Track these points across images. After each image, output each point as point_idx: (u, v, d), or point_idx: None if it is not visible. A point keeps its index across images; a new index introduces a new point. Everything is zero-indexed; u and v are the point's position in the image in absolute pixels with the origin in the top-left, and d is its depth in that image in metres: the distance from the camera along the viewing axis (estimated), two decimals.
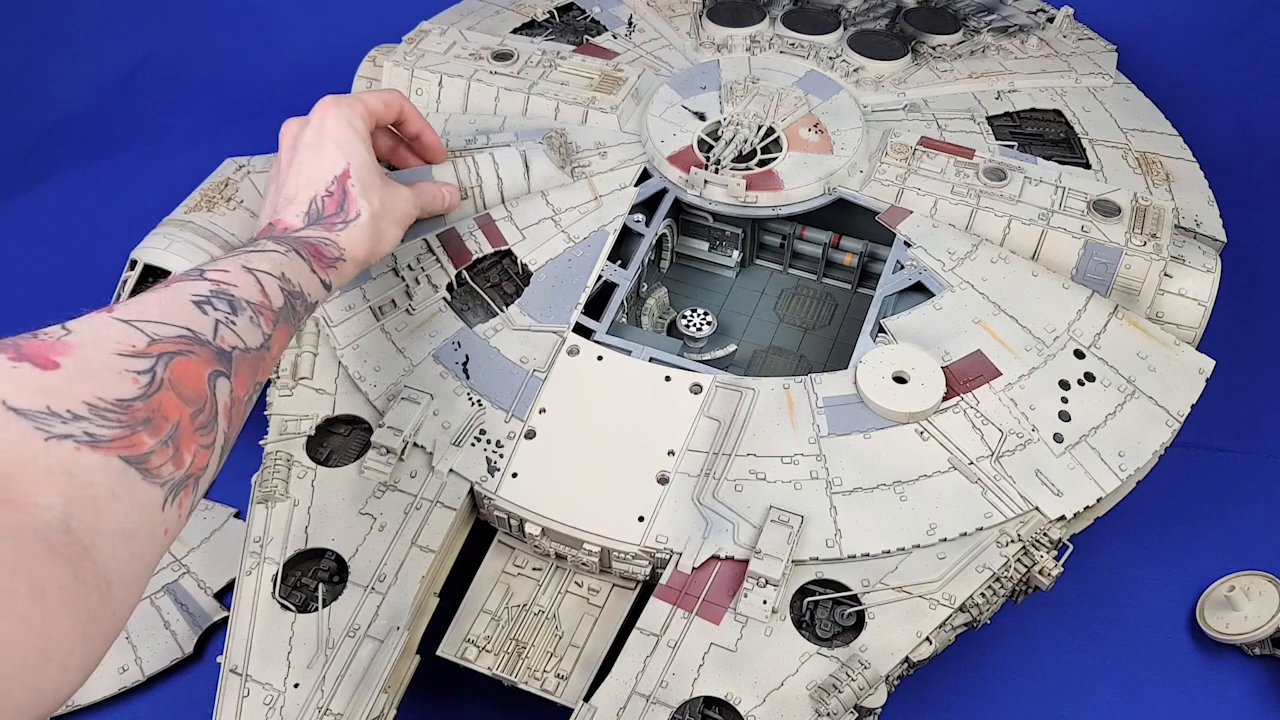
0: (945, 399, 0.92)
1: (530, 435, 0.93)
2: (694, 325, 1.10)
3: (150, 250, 1.03)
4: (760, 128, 1.15)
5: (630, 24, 1.38)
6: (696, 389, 0.94)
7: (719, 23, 1.34)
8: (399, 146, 1.06)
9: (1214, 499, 1.15)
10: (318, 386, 1.00)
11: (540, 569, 0.92)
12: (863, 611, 0.82)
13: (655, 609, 0.83)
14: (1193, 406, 0.95)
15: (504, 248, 1.05)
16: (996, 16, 1.42)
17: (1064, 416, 0.92)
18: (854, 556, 0.85)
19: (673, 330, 1.11)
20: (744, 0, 1.38)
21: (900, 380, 0.92)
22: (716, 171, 1.09)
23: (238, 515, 1.13)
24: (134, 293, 1.03)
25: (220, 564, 1.09)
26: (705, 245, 1.20)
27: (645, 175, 1.13)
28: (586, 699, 0.79)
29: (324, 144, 0.90)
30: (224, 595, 1.07)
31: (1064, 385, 0.94)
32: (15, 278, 1.43)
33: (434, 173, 1.06)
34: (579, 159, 1.14)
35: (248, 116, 1.68)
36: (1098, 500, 0.89)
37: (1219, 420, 0.94)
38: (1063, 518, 0.87)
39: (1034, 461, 0.90)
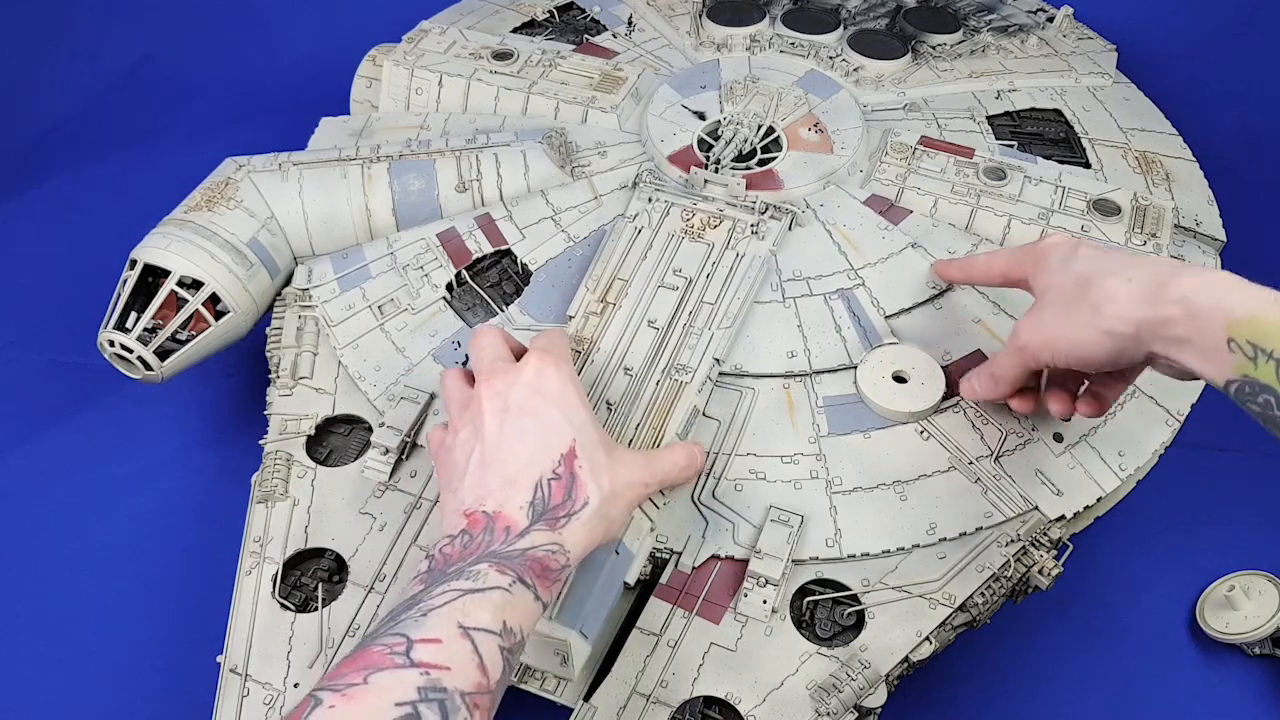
0: (945, 398, 0.92)
1: None
2: None
3: (150, 250, 1.02)
4: (760, 127, 1.15)
5: (630, 23, 1.38)
6: None
7: (719, 22, 1.34)
8: None
9: (1214, 499, 1.15)
10: (318, 386, 1.00)
11: None
12: (863, 611, 0.82)
13: (655, 609, 0.83)
14: (1193, 406, 0.95)
15: (504, 247, 1.05)
16: (996, 16, 1.42)
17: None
18: (854, 556, 0.85)
19: None
20: (744, 0, 1.38)
21: (900, 380, 0.92)
22: (716, 171, 1.09)
23: None
24: (134, 293, 1.02)
25: None
26: None
27: None
28: (586, 699, 0.79)
29: (546, 410, 0.72)
30: None
31: None
32: (15, 278, 1.43)
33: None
34: (579, 158, 1.14)
35: (248, 116, 1.68)
36: (1098, 500, 0.89)
37: (1219, 420, 0.94)
38: (1062, 517, 0.87)
39: (1034, 461, 0.89)
